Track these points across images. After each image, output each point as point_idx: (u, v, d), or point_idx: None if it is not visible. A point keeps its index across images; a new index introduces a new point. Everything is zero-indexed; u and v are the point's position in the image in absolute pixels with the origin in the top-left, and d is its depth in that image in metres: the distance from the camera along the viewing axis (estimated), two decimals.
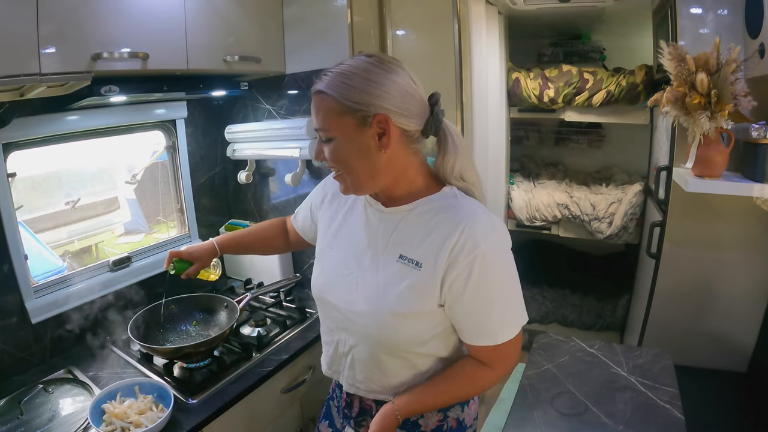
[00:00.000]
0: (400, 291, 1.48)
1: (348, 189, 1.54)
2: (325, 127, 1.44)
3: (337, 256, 1.67)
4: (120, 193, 3.17)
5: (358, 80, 1.41)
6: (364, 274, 1.57)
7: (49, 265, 2.49)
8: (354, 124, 1.41)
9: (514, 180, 5.07)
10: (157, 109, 2.64)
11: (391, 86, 1.43)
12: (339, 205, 1.76)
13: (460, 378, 1.54)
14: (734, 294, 2.83)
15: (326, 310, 1.70)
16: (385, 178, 1.52)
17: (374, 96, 1.41)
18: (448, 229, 1.45)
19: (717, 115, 2.24)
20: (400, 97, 1.44)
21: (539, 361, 2.26)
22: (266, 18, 2.55)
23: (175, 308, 2.34)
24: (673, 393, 1.99)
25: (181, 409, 1.88)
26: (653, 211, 3.71)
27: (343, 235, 1.69)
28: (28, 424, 1.82)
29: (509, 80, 4.70)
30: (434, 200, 1.53)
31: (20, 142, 2.14)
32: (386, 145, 1.44)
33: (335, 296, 1.63)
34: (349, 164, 1.47)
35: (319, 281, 1.70)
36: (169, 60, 2.07)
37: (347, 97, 1.40)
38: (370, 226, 1.61)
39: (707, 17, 2.69)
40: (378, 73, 1.43)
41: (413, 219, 1.53)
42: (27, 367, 2.18)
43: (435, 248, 1.45)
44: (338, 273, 1.64)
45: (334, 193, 1.78)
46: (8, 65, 1.57)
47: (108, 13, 1.85)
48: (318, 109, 1.45)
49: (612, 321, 4.79)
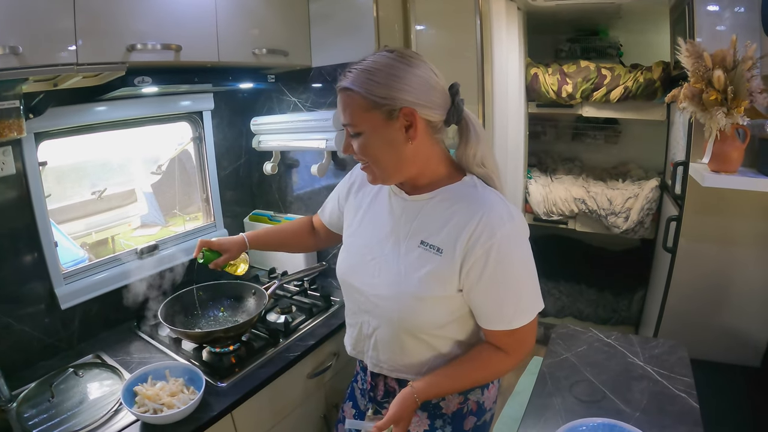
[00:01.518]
0: (421, 276, 1.54)
1: (376, 179, 1.60)
2: (353, 122, 1.50)
3: (361, 242, 1.74)
4: (137, 186, 3.21)
5: (382, 76, 1.46)
6: (387, 259, 1.63)
7: (71, 255, 2.53)
8: (381, 118, 1.47)
9: (531, 175, 5.09)
10: (184, 101, 2.68)
11: (415, 80, 1.48)
12: (364, 194, 1.82)
13: (476, 362, 1.59)
14: (748, 289, 2.85)
15: (350, 294, 1.77)
16: (411, 168, 1.57)
17: (399, 90, 1.46)
18: (466, 217, 1.50)
19: (733, 111, 2.26)
20: (424, 90, 1.49)
21: (558, 351, 2.29)
22: (293, 12, 2.59)
23: (203, 295, 2.38)
24: (688, 383, 2.02)
25: (212, 392, 1.92)
26: (669, 206, 3.71)
27: (367, 223, 1.75)
28: (59, 407, 1.86)
29: (528, 75, 4.72)
30: (455, 189, 1.59)
31: (51, 132, 2.18)
32: (413, 137, 1.50)
33: (359, 280, 1.70)
34: (378, 156, 1.52)
35: (344, 266, 1.78)
36: (201, 52, 2.12)
37: (373, 92, 1.45)
38: (393, 214, 1.66)
39: (724, 15, 2.71)
40: (401, 68, 1.48)
41: (434, 207, 1.59)
42: (55, 352, 2.22)
43: (454, 235, 1.51)
44: (362, 258, 1.70)
45: (360, 183, 1.85)
46: (47, 55, 1.62)
47: (142, 5, 1.89)
48: (345, 106, 1.50)
49: (627, 316, 4.81)
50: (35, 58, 1.59)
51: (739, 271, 2.87)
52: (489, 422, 1.82)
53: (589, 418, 1.72)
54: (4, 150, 1.99)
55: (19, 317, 2.09)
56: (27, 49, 1.55)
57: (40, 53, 1.60)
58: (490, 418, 1.82)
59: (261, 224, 3.04)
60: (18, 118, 1.82)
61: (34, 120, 2.02)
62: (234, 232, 2.97)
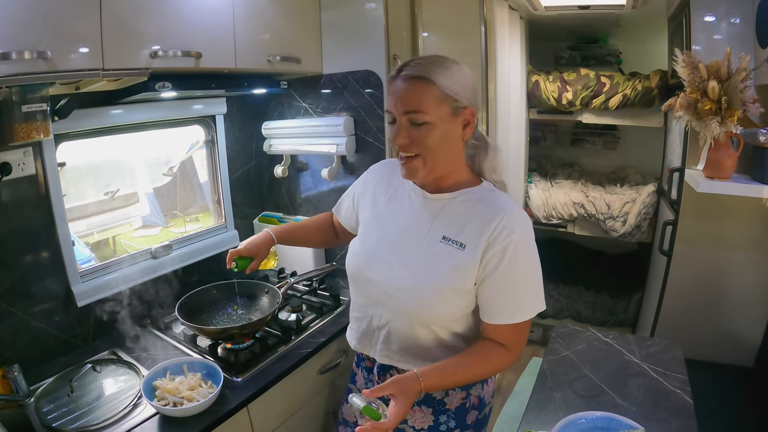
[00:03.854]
0: (444, 269, 1.61)
1: (416, 173, 1.63)
2: (423, 109, 1.53)
3: (379, 238, 1.78)
4: (139, 187, 3.24)
5: (455, 73, 1.56)
6: (408, 253, 1.69)
7: (79, 254, 2.52)
8: (448, 112, 1.56)
9: (532, 179, 5.13)
10: (198, 105, 2.73)
11: (471, 81, 1.61)
12: (380, 194, 1.88)
13: (479, 355, 1.64)
14: (742, 291, 2.92)
15: (362, 287, 1.81)
16: (451, 165, 1.67)
17: (467, 89, 1.58)
18: (488, 217, 1.59)
19: (727, 120, 2.33)
20: (475, 93, 1.63)
21: (558, 349, 2.36)
22: (306, 21, 2.64)
23: (217, 293, 2.45)
24: (682, 379, 2.09)
25: (228, 386, 1.97)
26: (666, 211, 3.77)
27: (384, 220, 1.80)
28: (78, 401, 1.91)
29: (529, 82, 4.77)
30: (475, 192, 1.68)
31: (70, 134, 2.22)
32: (467, 135, 1.63)
33: (376, 273, 1.73)
34: (434, 148, 1.58)
35: (357, 260, 1.82)
36: (219, 59, 2.17)
37: (448, 87, 1.53)
38: (414, 211, 1.73)
39: (720, 25, 2.77)
40: (465, 70, 1.61)
41: (456, 206, 1.67)
42: (71, 348, 2.26)
43: (476, 232, 1.59)
44: (379, 252, 1.75)
45: (377, 183, 1.91)
46: (74, 60, 1.66)
47: (166, 14, 1.94)
48: (417, 94, 1.54)
49: (624, 318, 4.86)
50: (63, 63, 1.62)
51: (733, 273, 2.94)
52: (488, 415, 1.90)
53: (588, 412, 1.80)
54: (25, 151, 2.02)
55: (36, 314, 2.13)
56: (55, 55, 1.59)
57: (67, 59, 1.64)
58: (489, 411, 1.90)
59: (270, 226, 3.06)
60: (45, 121, 1.86)
61: (57, 122, 2.06)
62: (244, 233, 3.06)
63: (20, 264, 2.08)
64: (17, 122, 1.80)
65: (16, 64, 1.50)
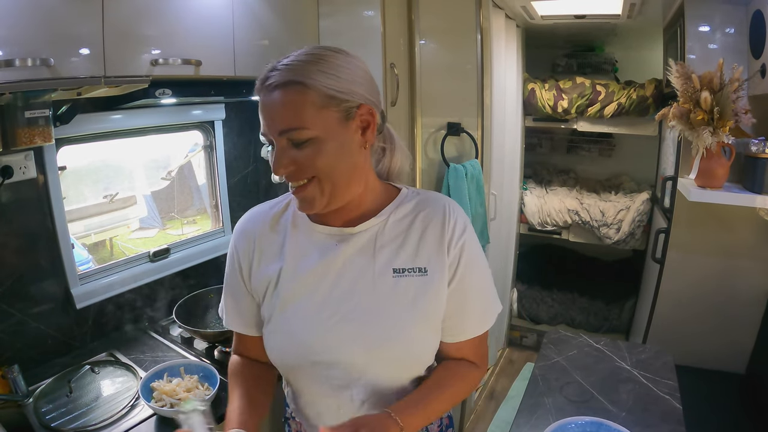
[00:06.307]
0: (412, 307, 1.31)
1: (314, 201, 1.27)
2: (302, 125, 1.17)
3: (301, 309, 1.35)
4: (138, 190, 3.24)
5: (338, 65, 1.22)
6: (355, 308, 1.32)
7: (77, 256, 2.51)
8: (337, 118, 1.20)
9: (527, 186, 5.16)
10: (197, 111, 2.74)
11: (361, 73, 1.27)
12: (271, 258, 1.42)
13: (456, 378, 1.41)
14: (734, 298, 2.95)
15: (317, 376, 1.37)
16: (358, 184, 1.31)
17: (358, 83, 1.24)
18: (437, 222, 1.34)
19: (719, 130, 2.36)
20: (371, 85, 1.29)
21: (550, 354, 2.38)
22: (304, 29, 2.65)
23: (214, 297, 2.47)
24: (672, 386, 2.11)
25: (224, 389, 1.90)
26: (659, 219, 3.81)
27: (297, 286, 1.36)
28: (76, 402, 1.92)
29: (525, 90, 4.79)
30: (403, 202, 1.39)
31: (70, 138, 2.23)
32: (370, 140, 1.28)
33: (328, 354, 1.33)
34: (331, 168, 1.22)
35: (293, 347, 1.37)
36: (219, 67, 2.18)
37: (331, 86, 1.18)
38: (335, 257, 1.35)
39: (715, 35, 2.81)
40: (353, 59, 1.27)
41: (392, 228, 1.36)
42: (69, 349, 2.27)
43: (434, 245, 1.33)
44: (316, 324, 1.33)
45: (255, 248, 1.44)
46: (77, 67, 1.68)
47: (166, 21, 1.95)
48: (290, 105, 1.17)
49: (618, 324, 4.88)
50: (65, 70, 1.64)
51: (725, 280, 2.98)
52: None
53: (578, 417, 1.82)
54: (26, 155, 2.03)
55: (35, 315, 2.14)
56: (58, 62, 1.60)
57: (69, 66, 1.65)
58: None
59: None
60: (47, 126, 1.88)
61: (58, 127, 2.07)
62: None
63: (20, 266, 2.09)
64: (20, 127, 1.82)
65: (20, 71, 1.51)
